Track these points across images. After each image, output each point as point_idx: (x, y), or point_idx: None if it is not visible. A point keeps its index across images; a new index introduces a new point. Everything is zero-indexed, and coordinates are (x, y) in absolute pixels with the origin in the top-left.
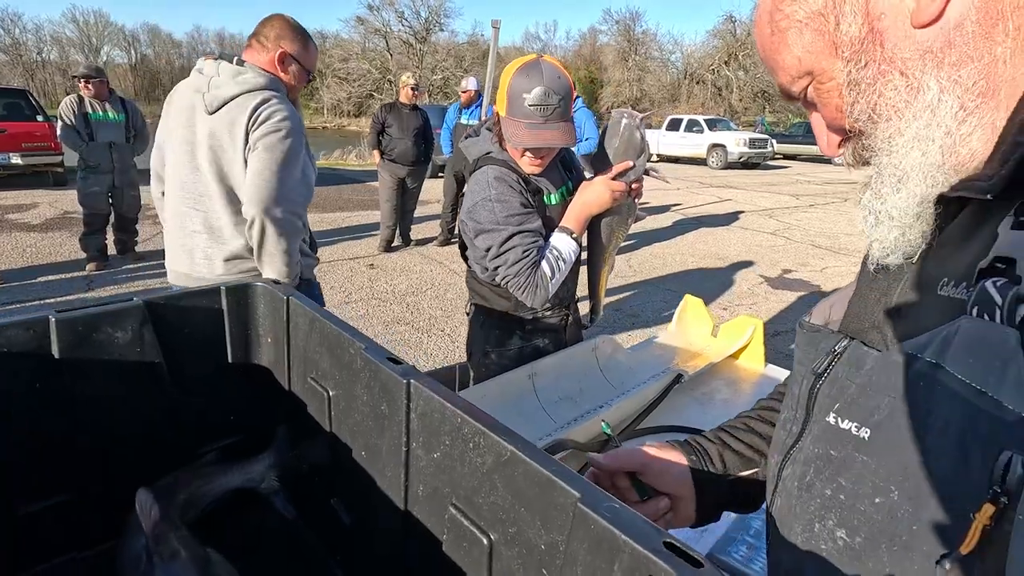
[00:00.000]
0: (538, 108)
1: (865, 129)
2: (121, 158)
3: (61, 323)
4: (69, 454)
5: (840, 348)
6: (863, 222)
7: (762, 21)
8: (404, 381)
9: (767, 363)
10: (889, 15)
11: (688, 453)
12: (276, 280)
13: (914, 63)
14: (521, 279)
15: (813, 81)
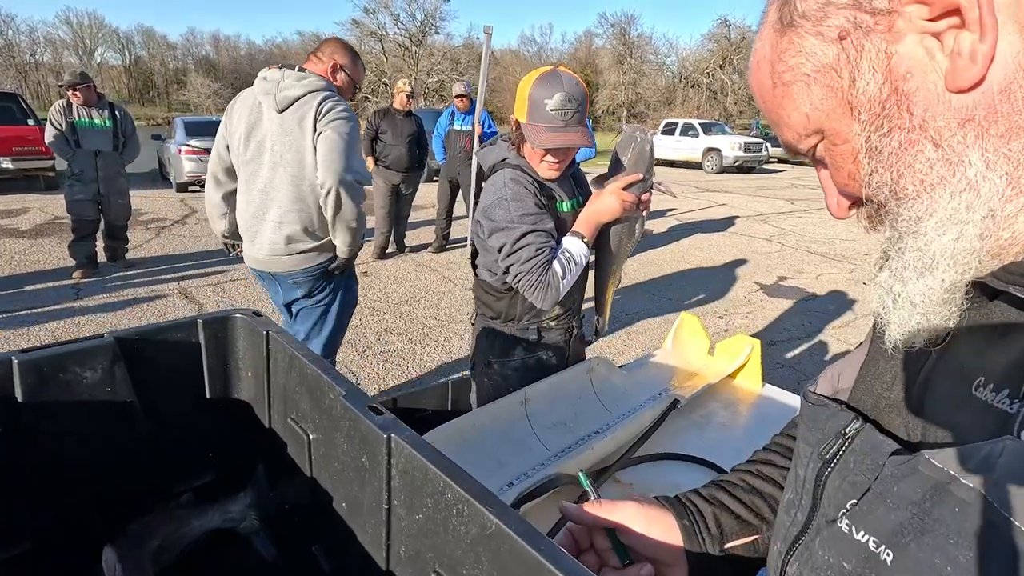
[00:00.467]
0: (559, 112)
1: (886, 203)
2: (107, 166)
3: (24, 364)
4: (32, 501)
5: (851, 431)
6: (878, 302)
7: (761, 70)
8: (385, 436)
9: (764, 383)
10: (917, 75)
11: (680, 516)
12: (258, 313)
13: (951, 132)
14: (533, 276)
15: (824, 140)
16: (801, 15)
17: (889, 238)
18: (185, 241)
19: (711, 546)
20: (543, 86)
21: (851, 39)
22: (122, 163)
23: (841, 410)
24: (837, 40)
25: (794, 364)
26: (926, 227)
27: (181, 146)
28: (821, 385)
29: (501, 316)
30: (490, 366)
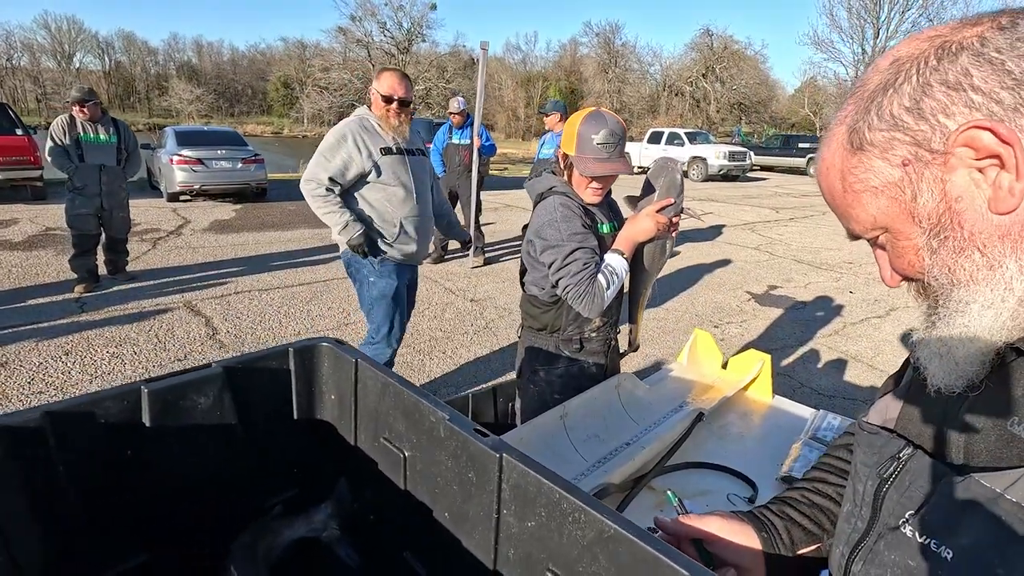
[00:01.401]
0: (604, 146)
1: (939, 289)
2: (110, 180)
3: (152, 394)
4: (150, 516)
5: (904, 455)
6: (925, 358)
7: (831, 175)
8: (496, 455)
9: (774, 395)
10: (966, 199)
11: (759, 529)
12: (340, 341)
13: (992, 244)
14: (581, 288)
15: (887, 234)
16: (870, 143)
17: (938, 312)
18: (183, 253)
19: (785, 553)
20: (590, 124)
21: (913, 166)
22: (125, 177)
23: (893, 437)
24: (901, 166)
25: (789, 372)
26: (971, 309)
27: (173, 155)
28: (872, 416)
29: (547, 328)
30: (536, 373)
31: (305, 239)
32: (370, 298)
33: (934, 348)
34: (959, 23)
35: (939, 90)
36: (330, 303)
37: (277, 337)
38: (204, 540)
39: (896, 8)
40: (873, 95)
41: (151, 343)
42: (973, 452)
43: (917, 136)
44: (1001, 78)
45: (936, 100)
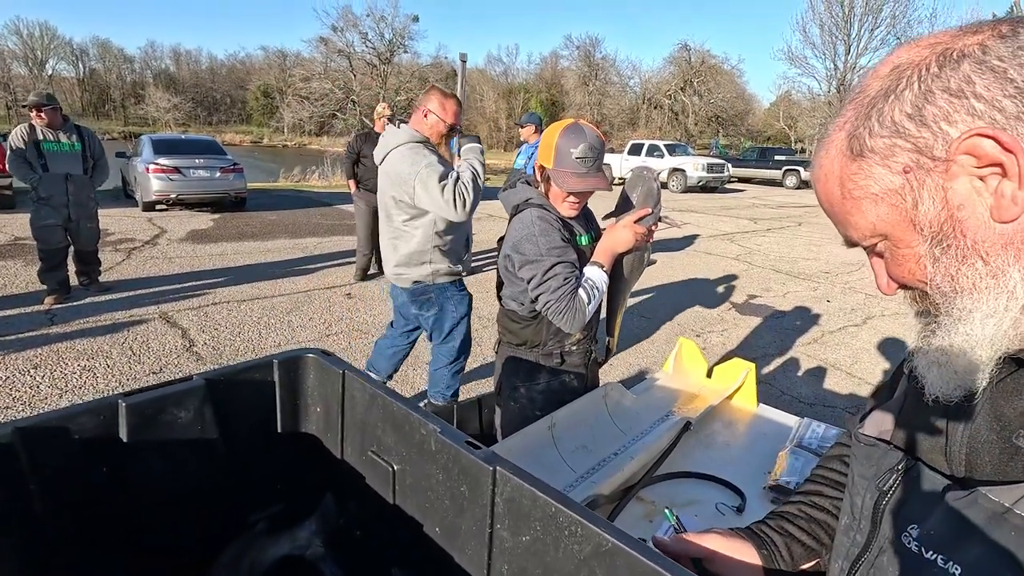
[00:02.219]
0: (583, 160)
1: (940, 298)
2: (77, 190)
3: (130, 407)
4: (130, 532)
5: (903, 467)
6: (924, 367)
7: (829, 182)
8: (490, 468)
9: (759, 403)
10: (968, 207)
11: (759, 546)
12: (326, 352)
13: (996, 252)
14: (562, 303)
15: (887, 242)
16: (871, 149)
17: (938, 320)
18: (159, 263)
19: (786, 570)
20: (569, 137)
21: (914, 174)
22: (93, 187)
23: (891, 449)
24: (902, 172)
25: (770, 380)
26: (974, 318)
27: (149, 164)
28: (868, 427)
29: (527, 343)
30: (516, 389)
31: (285, 249)
32: (454, 319)
33: (933, 357)
34: (959, 31)
35: (941, 97)
36: (311, 314)
37: (256, 349)
38: (185, 558)
39: (865, 26)
40: (874, 101)
41: (125, 356)
42: (976, 465)
43: (919, 143)
44: (1003, 86)
45: (938, 107)
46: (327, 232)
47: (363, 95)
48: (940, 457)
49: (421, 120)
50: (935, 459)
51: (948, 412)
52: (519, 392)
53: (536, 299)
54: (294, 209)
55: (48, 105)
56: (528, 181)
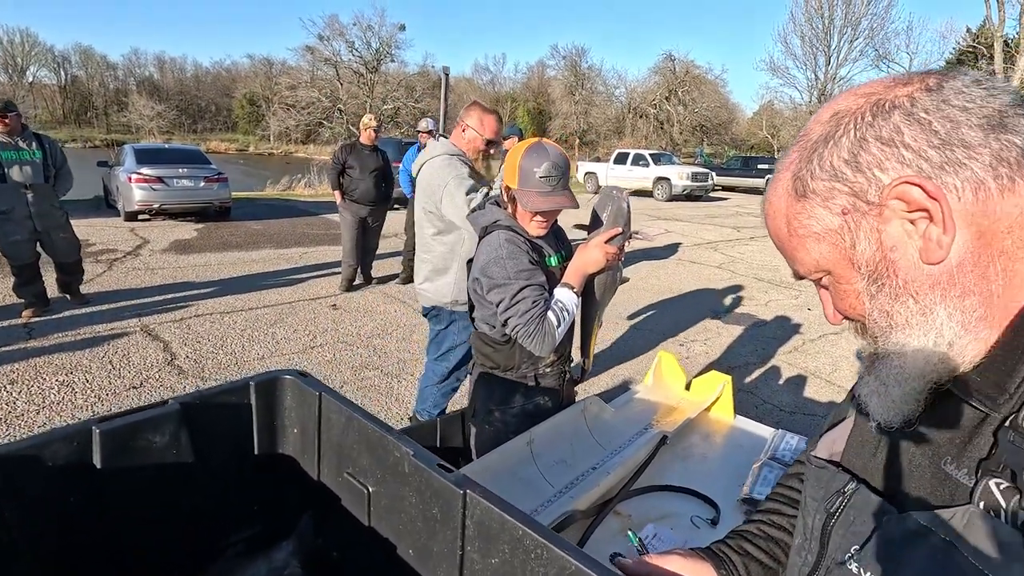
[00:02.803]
0: (547, 179)
1: (877, 331)
2: (39, 200)
3: (105, 434)
4: (105, 559)
5: (849, 491)
6: (865, 396)
7: (777, 219)
8: (460, 491)
9: (736, 415)
10: (900, 249)
11: (717, 566)
12: (304, 373)
13: (924, 292)
14: (531, 327)
15: (830, 277)
16: (812, 191)
17: (876, 351)
18: (141, 274)
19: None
20: (532, 157)
21: (851, 216)
22: (56, 196)
23: (839, 472)
24: (841, 214)
25: (751, 389)
26: (906, 352)
27: (131, 173)
28: (820, 450)
29: (500, 366)
30: (491, 413)
31: (270, 260)
32: (454, 342)
33: (873, 386)
34: (892, 81)
35: (874, 145)
36: (295, 326)
37: (239, 362)
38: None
39: (845, 38)
40: (815, 146)
41: (104, 370)
42: (912, 489)
43: (855, 187)
44: (928, 137)
45: (871, 155)
46: (313, 242)
47: (350, 104)
48: (883, 480)
49: (459, 135)
50: (878, 481)
51: (890, 437)
52: (494, 416)
53: (505, 323)
54: (279, 219)
55: (12, 111)
56: (497, 202)
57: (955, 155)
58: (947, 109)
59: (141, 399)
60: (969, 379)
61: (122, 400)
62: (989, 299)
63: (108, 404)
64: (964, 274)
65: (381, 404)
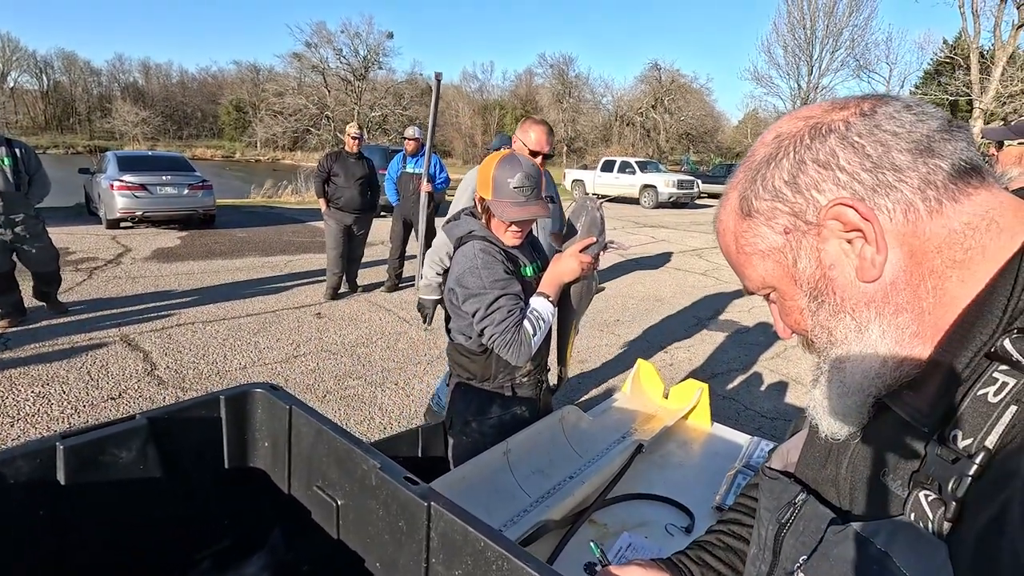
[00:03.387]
0: (521, 189)
1: (820, 347)
2: (10, 208)
3: (68, 450)
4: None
5: (799, 501)
6: (813, 409)
7: (727, 236)
8: (425, 504)
9: (713, 422)
10: (838, 267)
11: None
12: (275, 386)
13: (860, 309)
14: (507, 336)
15: (776, 293)
16: (756, 210)
17: (819, 365)
18: (122, 283)
19: None
20: (505, 168)
21: (793, 235)
22: (29, 204)
23: (791, 483)
24: (783, 233)
25: (734, 396)
26: (844, 366)
27: (113, 181)
28: (774, 461)
29: (477, 376)
30: (468, 424)
31: (255, 267)
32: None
33: (819, 399)
34: (831, 105)
35: (812, 167)
36: (279, 335)
37: (220, 371)
38: None
39: (827, 48)
40: (759, 166)
41: (82, 381)
42: (856, 500)
43: (795, 208)
44: (862, 160)
45: (809, 176)
46: (298, 250)
47: (337, 111)
48: (832, 490)
49: (513, 147)
50: (827, 492)
51: (838, 449)
52: (470, 427)
53: (481, 332)
54: (265, 226)
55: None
56: (472, 212)
57: (886, 178)
58: (879, 133)
59: (119, 410)
60: (904, 394)
61: (99, 412)
62: (921, 316)
63: (85, 416)
64: (897, 292)
65: (364, 414)
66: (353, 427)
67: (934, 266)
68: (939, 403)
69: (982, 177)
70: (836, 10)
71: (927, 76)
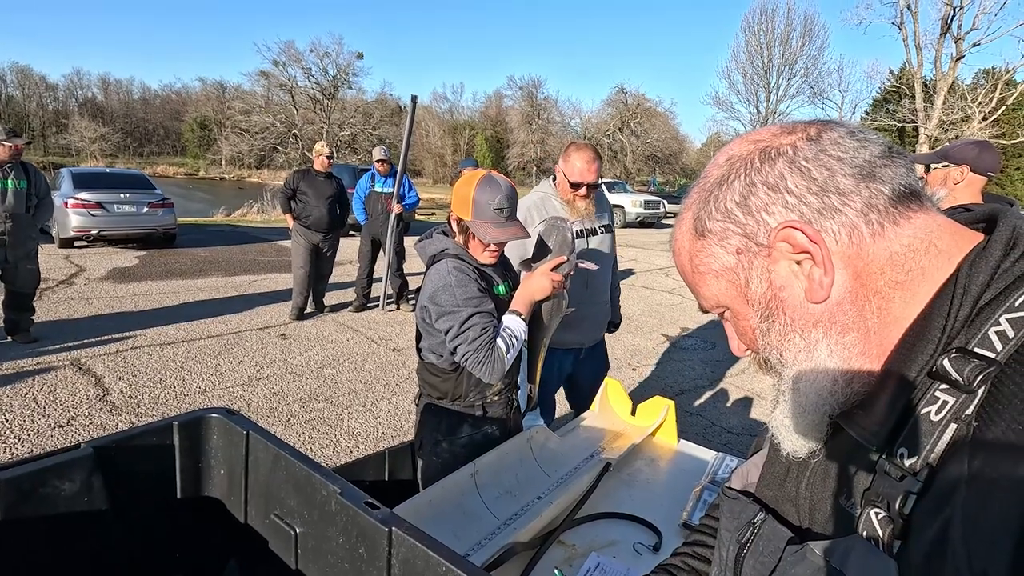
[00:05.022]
0: (500, 211)
1: (773, 366)
2: (17, 230)
3: (5, 483)
4: None
5: (758, 521)
6: (774, 429)
7: (682, 256)
8: (386, 529)
9: (679, 439)
10: (787, 288)
11: None
12: (231, 411)
13: (808, 329)
14: (480, 354)
15: (730, 311)
16: (709, 231)
17: (776, 385)
18: (74, 304)
19: None
20: (485, 189)
21: (744, 255)
22: (35, 226)
23: (750, 503)
24: (735, 254)
25: (701, 412)
26: (798, 387)
27: (68, 198)
28: (734, 481)
29: (447, 396)
30: (439, 444)
31: (217, 287)
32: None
33: (779, 418)
34: (780, 129)
35: (762, 190)
36: (241, 356)
37: (178, 395)
38: None
39: (783, 76)
40: (712, 188)
41: (27, 408)
42: (815, 519)
43: (746, 229)
44: (808, 184)
45: (759, 199)
46: (263, 269)
47: (306, 129)
48: (792, 509)
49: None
50: (787, 510)
51: (798, 468)
52: (441, 447)
53: (454, 350)
54: (228, 245)
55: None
56: (444, 231)
57: (832, 201)
58: (824, 158)
59: (68, 438)
60: (855, 413)
61: (46, 440)
62: (867, 335)
63: (30, 445)
64: (844, 312)
65: (330, 437)
66: (318, 451)
67: (878, 287)
68: (886, 422)
69: (921, 201)
70: (790, 40)
71: (876, 103)
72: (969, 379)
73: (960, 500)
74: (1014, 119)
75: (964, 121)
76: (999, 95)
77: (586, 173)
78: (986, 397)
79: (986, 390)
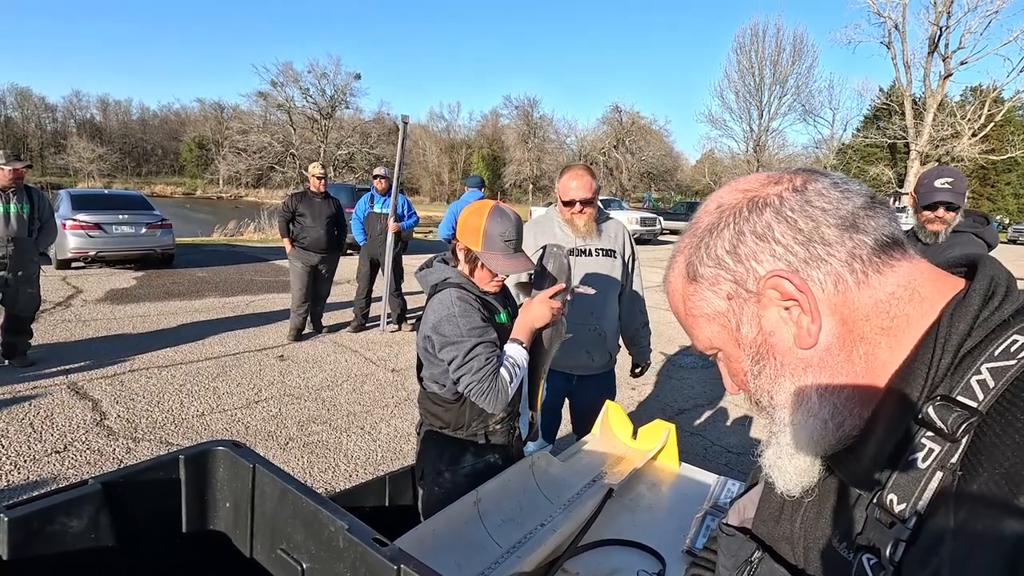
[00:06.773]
0: (510, 242)
1: (764, 408)
2: (19, 253)
3: (13, 521)
4: None
5: (755, 559)
6: (767, 468)
7: (675, 298)
8: (394, 567)
9: (681, 462)
10: (777, 333)
11: None
12: (238, 444)
13: (798, 374)
14: (484, 384)
15: (723, 353)
16: (701, 276)
17: (769, 427)
18: (71, 327)
19: None
20: (496, 221)
21: (735, 301)
22: (36, 250)
23: (747, 540)
24: (726, 299)
25: (701, 432)
26: (787, 430)
27: (66, 220)
28: (731, 517)
29: (450, 425)
30: (441, 474)
31: (215, 308)
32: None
33: (771, 458)
34: (767, 179)
35: (750, 239)
36: (239, 379)
37: (176, 419)
38: None
39: (774, 94)
40: (703, 234)
41: (23, 434)
42: (809, 560)
43: (736, 276)
44: (795, 234)
45: (748, 247)
46: (261, 289)
47: (303, 148)
48: (787, 547)
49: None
50: (783, 548)
51: (792, 506)
52: (443, 477)
53: (458, 381)
54: (226, 265)
55: (28, 165)
56: (445, 260)
57: (817, 251)
58: (810, 209)
59: (64, 464)
60: (845, 457)
61: (42, 467)
62: (855, 380)
63: (26, 472)
64: (832, 357)
65: (329, 461)
66: (317, 476)
67: (864, 333)
68: (875, 467)
69: (904, 249)
70: (781, 59)
71: (867, 120)
72: (953, 428)
73: (947, 552)
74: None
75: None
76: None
77: (575, 190)
78: (969, 446)
79: (969, 439)
